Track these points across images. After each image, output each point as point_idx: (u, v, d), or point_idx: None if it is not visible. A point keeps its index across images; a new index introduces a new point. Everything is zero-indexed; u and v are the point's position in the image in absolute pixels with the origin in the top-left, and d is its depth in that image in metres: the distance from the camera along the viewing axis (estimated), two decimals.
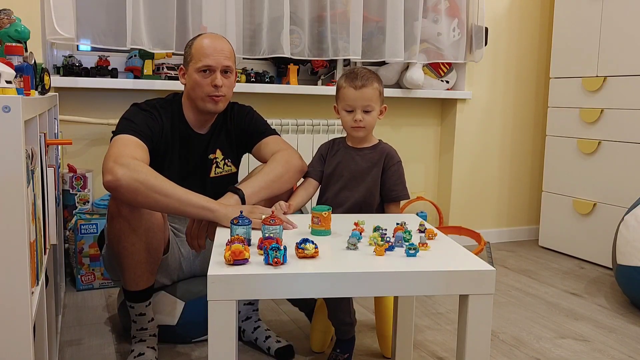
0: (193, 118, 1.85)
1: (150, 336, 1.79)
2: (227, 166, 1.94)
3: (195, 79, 1.77)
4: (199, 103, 1.80)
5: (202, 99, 1.79)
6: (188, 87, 1.82)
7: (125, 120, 1.70)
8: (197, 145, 1.87)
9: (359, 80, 1.70)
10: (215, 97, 1.78)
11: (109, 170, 1.49)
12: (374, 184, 1.77)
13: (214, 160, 1.90)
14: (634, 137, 2.77)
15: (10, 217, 0.89)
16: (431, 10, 3.01)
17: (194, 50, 1.79)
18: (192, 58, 1.79)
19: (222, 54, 1.78)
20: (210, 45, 1.77)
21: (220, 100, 1.80)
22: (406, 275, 1.19)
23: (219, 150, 1.91)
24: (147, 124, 1.72)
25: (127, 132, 1.65)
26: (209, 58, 1.76)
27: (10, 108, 0.87)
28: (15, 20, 1.51)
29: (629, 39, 2.77)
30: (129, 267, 1.68)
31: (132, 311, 1.77)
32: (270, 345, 1.86)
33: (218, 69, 1.77)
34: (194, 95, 1.80)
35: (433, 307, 2.34)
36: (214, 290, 1.12)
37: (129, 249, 1.65)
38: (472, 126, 3.29)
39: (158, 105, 1.81)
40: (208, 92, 1.77)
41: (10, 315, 0.91)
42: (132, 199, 1.52)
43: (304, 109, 2.96)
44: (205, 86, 1.77)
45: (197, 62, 1.77)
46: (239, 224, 1.33)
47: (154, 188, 1.50)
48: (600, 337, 2.09)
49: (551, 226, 3.25)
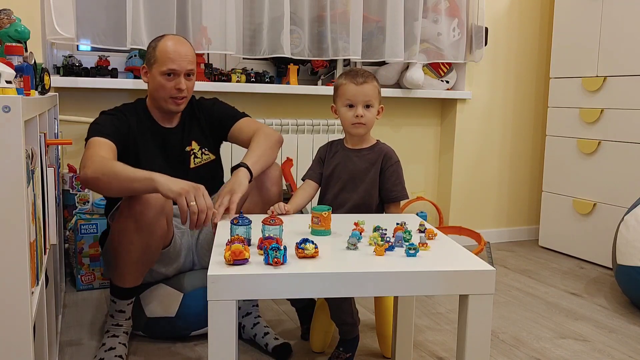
0: (159, 114, 1.95)
1: (123, 333, 1.83)
2: (205, 155, 2.02)
3: (160, 82, 1.86)
4: (162, 103, 1.90)
5: (164, 100, 1.89)
6: (151, 87, 1.91)
7: (93, 125, 1.82)
8: (171, 140, 1.96)
9: (360, 77, 1.72)
10: (177, 99, 1.88)
11: (81, 171, 1.66)
12: (372, 185, 1.77)
13: (191, 151, 1.99)
14: (634, 137, 2.77)
15: (10, 217, 0.89)
16: (431, 10, 3.01)
17: (159, 54, 1.86)
18: (155, 61, 1.86)
19: (185, 58, 1.86)
20: (174, 49, 1.85)
21: (183, 102, 1.91)
22: (406, 275, 1.19)
23: (194, 141, 2.00)
24: (112, 123, 1.83)
25: (94, 135, 1.77)
26: (173, 63, 1.84)
27: (10, 108, 0.87)
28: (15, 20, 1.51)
29: (629, 39, 2.77)
30: (122, 263, 1.74)
31: (113, 306, 1.83)
32: (268, 342, 1.87)
33: (182, 73, 1.86)
34: (157, 95, 1.89)
35: (433, 307, 2.34)
36: (214, 290, 1.12)
37: (127, 246, 1.70)
38: (472, 126, 3.29)
39: (123, 108, 1.93)
40: (171, 95, 1.87)
41: (10, 315, 0.91)
42: (99, 188, 1.66)
43: (304, 109, 2.96)
44: (169, 89, 1.86)
45: (162, 66, 1.85)
46: (239, 224, 1.33)
47: (109, 173, 1.61)
48: (600, 337, 2.09)
49: (551, 226, 3.25)
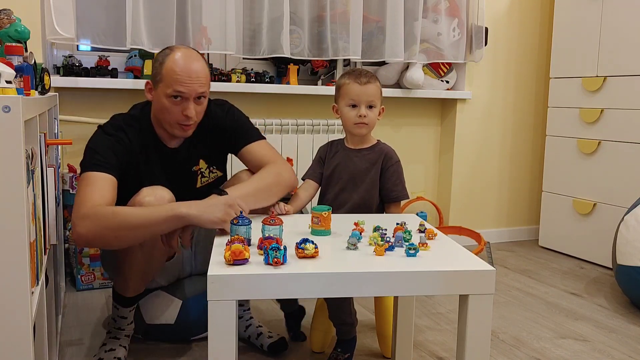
0: (163, 133, 1.73)
1: (125, 336, 1.81)
2: (213, 173, 1.84)
3: (164, 104, 1.62)
4: (166, 127, 1.68)
5: (170, 124, 1.66)
6: (156, 108, 1.67)
7: (90, 151, 1.60)
8: (177, 160, 1.76)
9: (364, 77, 1.72)
10: (184, 125, 1.65)
11: (73, 228, 1.46)
12: (373, 185, 1.77)
13: (199, 171, 1.81)
14: (634, 137, 2.76)
15: (10, 217, 0.89)
16: (431, 10, 3.01)
17: (165, 72, 1.60)
18: (161, 79, 1.61)
19: (197, 81, 1.60)
20: (184, 69, 1.59)
21: (190, 128, 1.67)
22: (406, 275, 1.19)
23: (202, 160, 1.80)
24: (112, 150, 1.60)
25: (91, 169, 1.56)
26: (182, 85, 1.58)
27: (10, 108, 0.87)
28: (15, 20, 1.51)
29: (629, 39, 2.77)
30: (124, 273, 1.70)
31: (116, 311, 1.80)
32: (262, 342, 1.87)
33: (191, 98, 1.61)
34: (161, 117, 1.66)
35: (433, 307, 2.34)
36: (214, 290, 1.12)
37: (131, 258, 1.66)
38: (472, 126, 3.29)
39: (124, 124, 1.68)
40: (178, 120, 1.63)
41: (10, 315, 0.91)
42: (106, 245, 1.52)
43: (304, 109, 2.96)
44: (174, 114, 1.62)
45: (168, 87, 1.59)
46: (239, 224, 1.33)
47: (119, 226, 1.43)
48: (600, 337, 2.09)
49: (551, 226, 3.25)
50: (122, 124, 1.68)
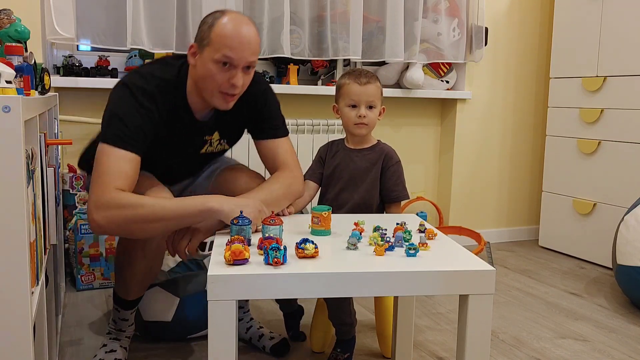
0: (198, 106, 1.60)
1: (125, 337, 1.81)
2: (220, 145, 1.75)
3: (210, 70, 1.49)
4: (207, 95, 1.54)
5: (211, 93, 1.53)
6: (198, 73, 1.53)
7: (116, 120, 1.47)
8: (195, 130, 1.66)
9: (364, 77, 1.73)
10: (228, 95, 1.53)
11: (90, 215, 1.39)
12: (373, 185, 1.77)
13: (210, 140, 1.70)
14: (634, 137, 2.76)
15: (10, 217, 0.89)
16: (431, 10, 3.01)
17: (215, 35, 1.47)
18: (210, 43, 1.48)
19: (248, 48, 1.48)
20: (236, 34, 1.47)
21: (233, 99, 1.55)
22: (406, 275, 1.19)
23: (217, 132, 1.70)
24: (141, 126, 1.49)
25: (116, 143, 1.44)
26: (232, 51, 1.47)
27: (10, 108, 0.87)
28: (15, 20, 1.51)
29: (629, 39, 2.77)
30: (126, 278, 1.70)
31: (117, 314, 1.80)
32: (264, 344, 1.87)
33: (240, 66, 1.50)
34: (203, 85, 1.53)
35: (433, 307, 2.34)
36: (214, 290, 1.12)
37: (133, 264, 1.66)
38: (472, 126, 3.29)
39: (157, 90, 1.52)
40: (222, 89, 1.51)
41: (10, 315, 0.91)
42: (127, 235, 1.48)
43: (304, 109, 2.96)
44: (220, 82, 1.50)
45: (216, 52, 1.47)
46: (239, 224, 1.32)
47: (145, 219, 1.38)
48: (600, 337, 2.09)
49: (551, 226, 3.25)
50: (156, 91, 1.52)
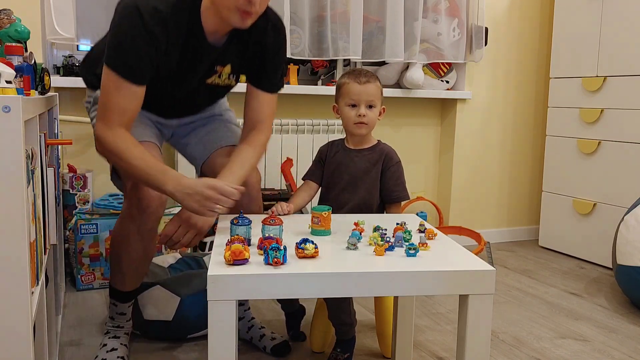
0: (213, 27, 1.57)
1: (124, 334, 1.81)
2: (229, 80, 1.73)
3: None
4: (224, 12, 1.50)
5: (228, 9, 1.49)
6: None
7: (121, 49, 1.47)
8: (207, 56, 1.63)
9: (363, 77, 1.73)
10: (245, 12, 1.49)
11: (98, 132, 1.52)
12: (373, 185, 1.77)
13: (220, 72, 1.69)
14: (634, 137, 2.76)
15: (10, 217, 0.89)
16: (431, 10, 3.01)
17: None
18: None
19: None
20: None
21: (251, 17, 1.51)
22: (406, 275, 1.19)
23: (230, 65, 1.68)
24: (148, 56, 1.49)
25: (121, 73, 1.48)
26: None
27: (10, 108, 0.87)
28: (15, 20, 1.51)
29: (629, 39, 2.77)
30: (123, 268, 1.71)
31: (114, 309, 1.79)
32: (265, 344, 1.86)
33: None
34: (219, 1, 1.50)
35: (433, 307, 2.34)
36: (214, 290, 1.12)
37: (130, 252, 1.67)
38: (472, 126, 3.29)
39: (171, 10, 1.50)
40: (239, 5, 1.47)
41: (10, 315, 0.91)
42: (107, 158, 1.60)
43: (304, 109, 2.96)
44: None
45: None
46: (239, 224, 1.33)
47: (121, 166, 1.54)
48: (600, 337, 2.09)
49: (551, 226, 3.25)
50: (168, 11, 1.49)
